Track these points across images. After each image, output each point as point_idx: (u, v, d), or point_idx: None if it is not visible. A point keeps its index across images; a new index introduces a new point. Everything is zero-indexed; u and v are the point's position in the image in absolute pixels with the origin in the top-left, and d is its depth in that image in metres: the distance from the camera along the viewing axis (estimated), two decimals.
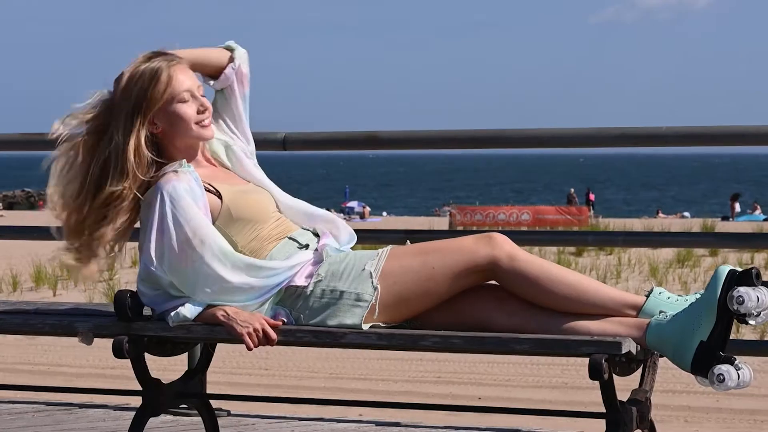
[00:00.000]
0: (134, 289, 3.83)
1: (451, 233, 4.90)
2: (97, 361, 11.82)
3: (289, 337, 3.70)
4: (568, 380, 10.95)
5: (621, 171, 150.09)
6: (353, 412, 5.95)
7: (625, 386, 3.67)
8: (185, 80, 3.82)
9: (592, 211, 46.05)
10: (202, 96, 3.87)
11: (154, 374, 3.90)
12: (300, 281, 3.74)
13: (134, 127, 3.75)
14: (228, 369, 11.42)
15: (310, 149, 5.62)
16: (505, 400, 9.94)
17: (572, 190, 48.98)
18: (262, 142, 4.96)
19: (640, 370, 3.70)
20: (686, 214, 52.24)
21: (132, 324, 3.78)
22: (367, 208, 51.66)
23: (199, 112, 3.83)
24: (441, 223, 40.85)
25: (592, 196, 49.12)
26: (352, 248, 3.94)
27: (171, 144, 3.84)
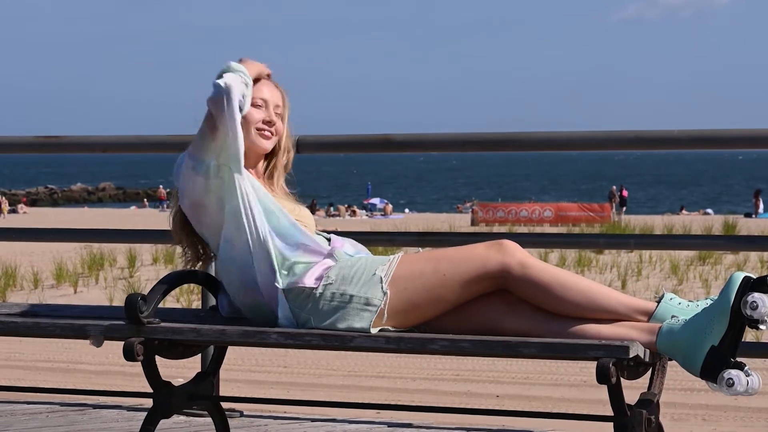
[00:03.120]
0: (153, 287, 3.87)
1: (464, 237, 4.90)
2: (116, 359, 11.83)
3: (298, 340, 3.72)
4: (587, 378, 10.92)
5: (645, 167, 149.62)
6: (368, 413, 5.95)
7: (641, 386, 3.67)
8: (267, 92, 3.99)
9: (624, 208, 46.18)
10: (277, 114, 4.00)
11: (171, 372, 3.92)
12: (309, 282, 3.76)
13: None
14: (246, 367, 11.44)
15: (323, 152, 5.60)
16: (524, 398, 9.94)
17: (614, 187, 49.40)
18: None
19: (648, 373, 3.70)
20: (709, 211, 52.19)
21: (143, 327, 3.80)
22: (389, 205, 51.67)
23: (264, 122, 3.96)
24: (464, 219, 40.85)
25: (625, 193, 49.54)
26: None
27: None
